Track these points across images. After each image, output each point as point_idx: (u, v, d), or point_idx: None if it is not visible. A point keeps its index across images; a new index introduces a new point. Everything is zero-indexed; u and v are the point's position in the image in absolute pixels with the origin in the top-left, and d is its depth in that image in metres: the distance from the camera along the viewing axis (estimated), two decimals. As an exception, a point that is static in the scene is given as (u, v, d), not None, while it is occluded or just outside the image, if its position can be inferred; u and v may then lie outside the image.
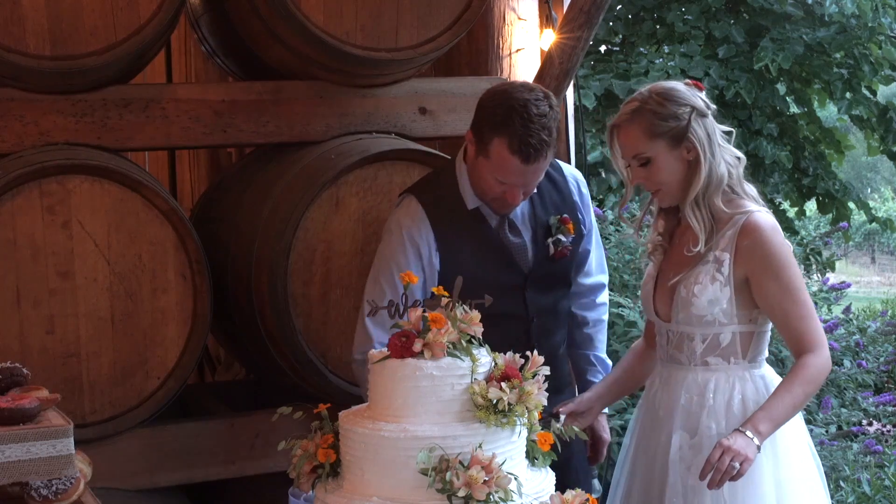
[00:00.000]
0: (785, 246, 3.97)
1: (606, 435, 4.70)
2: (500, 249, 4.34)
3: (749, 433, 3.80)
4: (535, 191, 4.34)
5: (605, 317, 4.78)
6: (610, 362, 4.77)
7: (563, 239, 4.39)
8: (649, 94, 3.99)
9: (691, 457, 4.02)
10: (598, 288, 4.71)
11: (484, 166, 4.18)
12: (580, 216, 4.51)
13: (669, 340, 4.13)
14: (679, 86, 4.01)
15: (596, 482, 4.80)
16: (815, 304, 6.92)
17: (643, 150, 3.98)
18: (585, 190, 4.64)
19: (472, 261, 4.26)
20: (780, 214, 11.23)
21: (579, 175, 4.67)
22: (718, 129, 4.01)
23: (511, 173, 4.13)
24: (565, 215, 4.42)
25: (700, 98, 3.99)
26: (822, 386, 6.64)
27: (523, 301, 4.36)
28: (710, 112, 4.00)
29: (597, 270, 4.68)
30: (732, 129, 4.11)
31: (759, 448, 3.80)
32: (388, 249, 4.34)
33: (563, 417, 4.11)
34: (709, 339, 4.01)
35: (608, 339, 6.65)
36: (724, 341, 4.00)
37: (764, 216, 3.97)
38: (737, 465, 3.76)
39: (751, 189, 4.07)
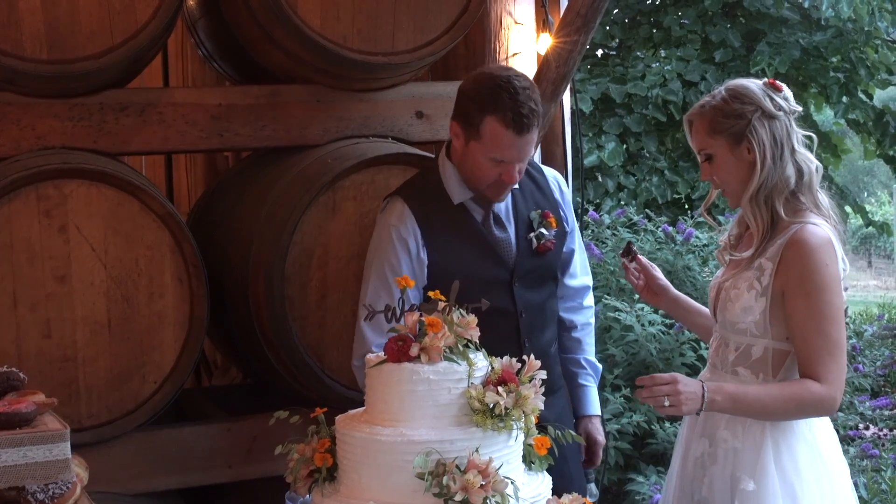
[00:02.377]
0: (827, 267, 3.80)
1: (601, 438, 4.71)
2: (486, 244, 4.35)
3: (708, 394, 3.77)
4: (518, 187, 4.37)
5: (592, 319, 4.78)
6: (600, 366, 4.77)
7: (546, 233, 4.40)
8: (720, 91, 3.96)
9: (708, 465, 4.00)
10: (583, 290, 4.71)
11: (477, 150, 4.19)
12: (562, 213, 4.53)
13: (713, 341, 4.12)
14: (751, 85, 3.94)
15: (593, 486, 4.80)
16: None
17: (706, 146, 3.97)
18: (567, 189, 4.67)
19: (459, 256, 4.29)
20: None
21: (559, 175, 4.71)
22: (797, 133, 3.94)
23: (507, 148, 4.15)
24: (546, 210, 4.44)
25: (773, 98, 3.91)
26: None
27: (511, 296, 4.36)
28: (781, 114, 3.90)
29: (581, 272, 4.69)
30: (813, 135, 4.04)
31: (699, 412, 3.79)
32: (378, 250, 4.36)
33: (635, 249, 4.17)
34: (741, 349, 3.94)
35: (606, 342, 6.67)
36: (755, 354, 3.91)
37: (816, 230, 3.84)
38: (667, 403, 3.76)
39: (824, 200, 3.95)
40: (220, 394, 6.16)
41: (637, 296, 6.80)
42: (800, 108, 3.98)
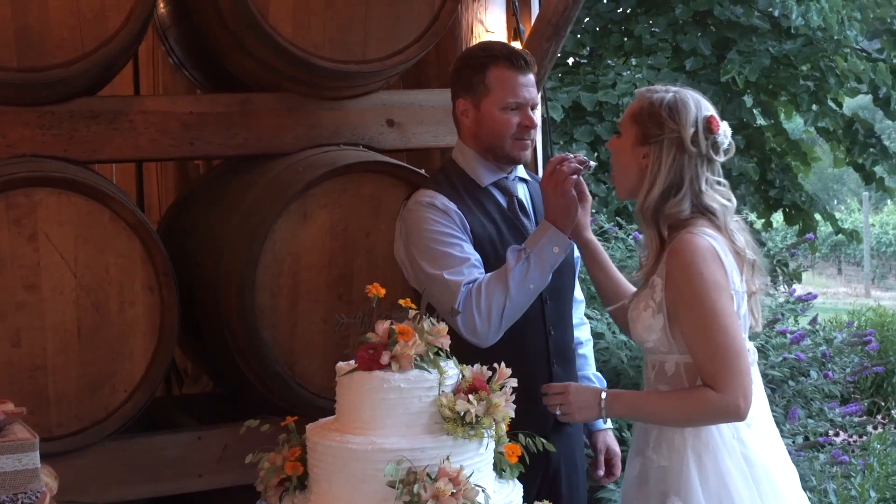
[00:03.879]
0: (703, 274, 3.72)
1: (618, 449, 4.68)
2: (515, 227, 4.36)
3: (605, 401, 3.83)
4: (528, 185, 4.43)
5: (591, 335, 4.80)
6: (604, 380, 4.77)
7: None
8: (672, 92, 3.89)
9: (642, 484, 3.97)
10: (582, 304, 4.75)
11: (490, 105, 4.30)
12: None
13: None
14: (692, 108, 3.83)
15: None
16: (782, 314, 6.97)
17: (623, 125, 3.96)
18: None
19: (491, 237, 4.29)
20: (746, 226, 11.28)
21: None
22: (706, 176, 3.84)
23: (516, 88, 4.29)
24: None
25: (698, 134, 3.81)
26: (789, 396, 6.70)
27: None
28: (694, 151, 3.80)
29: (578, 286, 4.69)
30: (725, 182, 3.93)
31: (603, 419, 3.90)
32: (418, 224, 4.26)
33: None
34: (657, 367, 3.91)
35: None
36: (668, 371, 3.87)
37: (693, 238, 3.77)
38: (558, 411, 3.86)
39: (740, 239, 3.87)
40: (191, 402, 6.15)
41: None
42: (722, 158, 3.89)
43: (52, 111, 4.74)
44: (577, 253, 4.54)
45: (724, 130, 3.89)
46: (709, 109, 3.89)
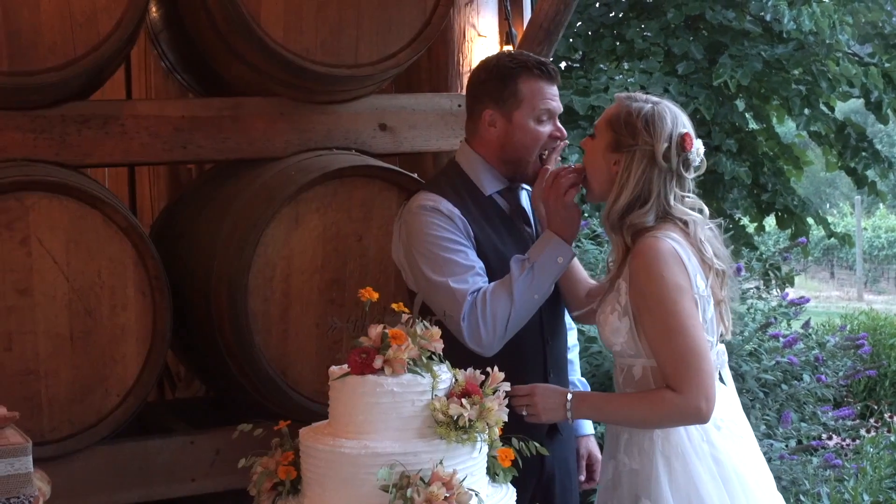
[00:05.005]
0: (664, 277, 3.74)
1: (599, 454, 4.68)
2: (516, 235, 4.35)
3: (569, 405, 3.85)
4: (531, 189, 4.40)
5: (577, 340, 4.80)
6: (588, 387, 4.78)
7: None
8: (653, 103, 3.91)
9: (614, 488, 3.99)
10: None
11: (522, 116, 4.26)
12: None
13: None
14: (668, 123, 3.86)
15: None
16: (775, 318, 6.98)
17: (598, 128, 3.98)
18: None
19: (494, 245, 4.27)
20: (739, 230, 11.29)
21: None
22: (675, 192, 3.87)
23: (548, 97, 4.28)
24: None
25: (670, 150, 3.83)
26: (782, 400, 6.71)
27: None
28: (665, 166, 3.83)
29: None
30: (695, 199, 3.94)
31: (569, 420, 3.90)
32: (421, 229, 4.21)
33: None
34: (625, 371, 3.92)
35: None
36: (636, 375, 3.89)
37: (655, 242, 3.78)
38: (524, 412, 3.88)
39: (708, 250, 3.86)
40: (184, 407, 6.13)
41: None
42: (692, 175, 3.91)
43: (44, 115, 4.74)
44: None
45: (697, 149, 3.92)
46: (685, 126, 3.91)
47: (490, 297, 4.04)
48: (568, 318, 4.68)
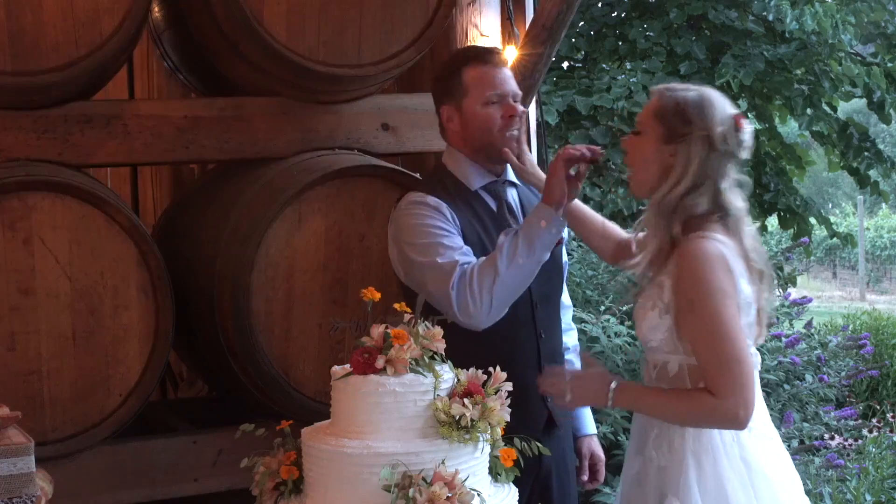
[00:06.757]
0: (710, 280, 3.69)
1: (603, 455, 4.69)
2: (502, 230, 4.33)
3: (611, 393, 3.80)
4: (518, 189, 4.43)
5: (577, 341, 4.80)
6: None
7: None
8: (696, 90, 3.89)
9: (642, 482, 3.96)
10: (569, 309, 4.74)
11: (473, 103, 4.32)
12: None
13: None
14: (718, 107, 3.84)
15: None
16: (777, 318, 6.98)
17: (644, 123, 3.92)
18: None
19: (481, 240, 4.28)
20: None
21: None
22: (729, 176, 3.87)
23: (493, 80, 4.33)
24: None
25: (727, 133, 3.82)
26: (784, 400, 6.71)
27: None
28: (723, 149, 3.81)
29: (566, 291, 4.69)
30: (746, 182, 3.96)
31: (603, 404, 3.84)
32: (409, 219, 4.27)
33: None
34: (659, 367, 3.89)
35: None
36: (671, 371, 3.86)
37: (703, 243, 3.74)
38: (568, 397, 3.86)
39: (749, 242, 3.87)
40: (186, 406, 6.14)
41: (603, 307, 6.84)
42: (746, 155, 3.90)
43: (47, 115, 4.74)
44: (565, 258, 4.56)
45: (748, 129, 3.90)
46: (734, 108, 3.90)
47: (478, 267, 4.05)
48: (568, 319, 4.68)
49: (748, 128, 3.90)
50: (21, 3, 4.52)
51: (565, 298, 4.65)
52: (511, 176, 4.47)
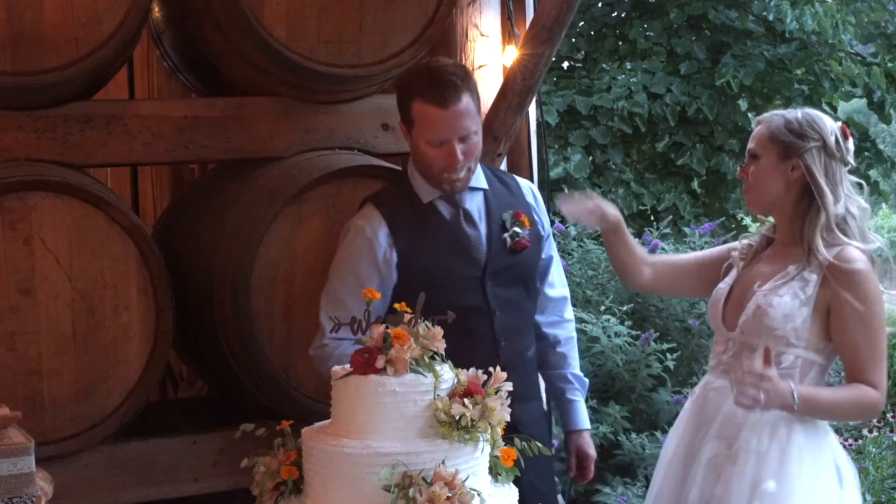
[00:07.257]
0: (876, 286, 4.02)
1: (593, 452, 4.70)
2: (454, 240, 4.37)
3: (795, 395, 3.87)
4: (490, 189, 4.43)
5: (574, 333, 4.78)
6: (586, 379, 4.76)
7: (520, 231, 4.41)
8: (798, 111, 4.16)
9: (724, 466, 4.06)
10: (563, 302, 4.71)
11: (417, 138, 4.28)
12: (536, 217, 4.55)
13: (728, 349, 4.18)
14: (826, 120, 4.12)
15: (560, 499, 4.80)
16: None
17: (758, 147, 4.17)
18: (539, 196, 4.71)
19: (428, 252, 4.30)
20: (742, 229, 11.30)
21: (532, 184, 4.80)
22: (848, 178, 4.12)
23: (437, 126, 4.21)
24: (518, 210, 4.46)
25: (838, 142, 4.07)
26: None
27: (483, 294, 4.35)
28: (839, 157, 4.07)
29: (559, 283, 4.69)
30: (862, 183, 4.23)
31: (793, 407, 3.89)
32: (342, 248, 4.42)
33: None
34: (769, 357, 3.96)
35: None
36: (785, 362, 4.02)
37: (857, 252, 4.02)
38: (761, 396, 3.83)
39: (874, 241, 4.15)
40: (186, 406, 6.14)
41: (603, 307, 6.84)
42: (853, 163, 4.15)
43: (47, 115, 4.74)
44: (551, 252, 4.63)
45: (851, 137, 4.18)
46: (836, 120, 4.18)
47: (331, 363, 3.99)
48: (561, 312, 4.68)
49: (850, 136, 4.17)
50: (21, 3, 4.51)
51: (554, 292, 4.67)
52: (480, 182, 4.46)
